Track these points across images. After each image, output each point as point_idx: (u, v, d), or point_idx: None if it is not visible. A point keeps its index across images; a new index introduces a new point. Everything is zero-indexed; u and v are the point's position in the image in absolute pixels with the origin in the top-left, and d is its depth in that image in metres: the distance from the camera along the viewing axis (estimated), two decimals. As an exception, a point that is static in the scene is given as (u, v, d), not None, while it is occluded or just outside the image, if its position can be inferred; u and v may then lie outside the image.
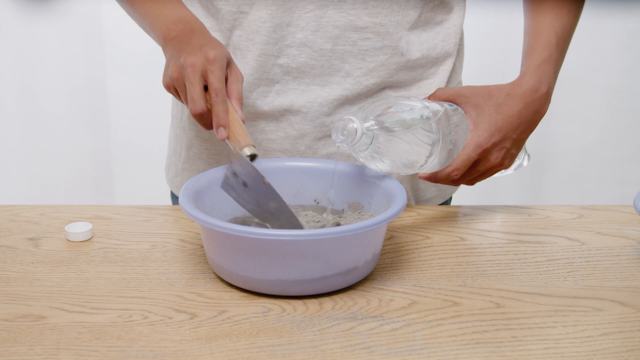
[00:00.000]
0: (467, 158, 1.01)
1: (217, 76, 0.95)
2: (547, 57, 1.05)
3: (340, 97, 1.13)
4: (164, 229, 1.08)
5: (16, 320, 0.85)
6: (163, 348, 0.80)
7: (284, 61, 1.11)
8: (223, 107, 0.95)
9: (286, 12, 1.09)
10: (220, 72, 0.95)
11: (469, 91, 1.03)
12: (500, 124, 1.01)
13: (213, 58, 0.95)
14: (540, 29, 1.07)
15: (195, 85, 0.94)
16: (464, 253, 1.01)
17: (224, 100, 0.95)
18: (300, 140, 1.15)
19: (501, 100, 1.02)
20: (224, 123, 0.95)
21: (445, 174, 1.01)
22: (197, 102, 0.94)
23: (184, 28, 1.03)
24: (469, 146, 1.01)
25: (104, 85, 2.34)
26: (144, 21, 1.08)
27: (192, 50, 0.96)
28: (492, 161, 1.02)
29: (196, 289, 0.91)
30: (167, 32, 1.03)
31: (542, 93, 1.04)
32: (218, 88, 0.95)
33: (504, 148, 1.02)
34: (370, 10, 1.10)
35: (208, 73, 0.95)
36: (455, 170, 1.01)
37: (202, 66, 0.95)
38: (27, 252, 1.01)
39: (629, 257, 1.01)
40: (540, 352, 0.80)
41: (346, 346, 0.80)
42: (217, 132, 0.95)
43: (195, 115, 0.95)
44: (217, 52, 0.96)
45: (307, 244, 0.86)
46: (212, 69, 0.95)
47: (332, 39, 1.10)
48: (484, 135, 1.01)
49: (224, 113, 0.95)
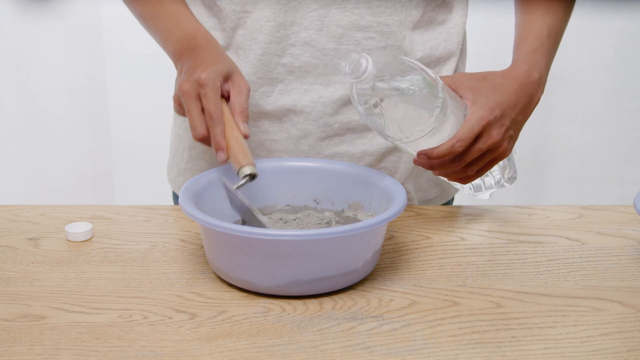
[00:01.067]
0: (471, 129, 0.97)
1: (209, 99, 0.96)
2: (538, 46, 1.05)
3: (344, 97, 1.13)
4: (164, 229, 1.08)
5: (16, 320, 0.85)
6: (163, 348, 0.80)
7: (287, 60, 1.11)
8: (219, 129, 0.96)
9: (290, 11, 1.09)
10: (213, 94, 0.96)
11: (463, 76, 1.02)
12: (499, 101, 1.00)
13: (204, 81, 0.96)
14: (531, 22, 1.08)
15: (193, 112, 0.97)
16: (464, 253, 1.01)
17: (219, 123, 0.96)
18: (303, 140, 1.15)
19: (496, 81, 1.02)
20: (222, 146, 0.96)
21: (448, 146, 0.97)
22: (196, 128, 0.96)
23: (189, 46, 1.04)
24: (472, 119, 0.98)
25: (104, 85, 2.34)
26: (157, 39, 1.11)
27: (187, 75, 0.98)
28: (494, 137, 0.99)
29: (196, 289, 0.91)
30: (174, 53, 1.06)
31: (534, 79, 1.03)
32: (212, 111, 0.96)
33: (504, 125, 1.00)
34: (373, 9, 1.10)
35: (202, 97, 0.97)
36: (459, 142, 0.97)
37: (196, 91, 0.97)
38: (27, 252, 1.01)
39: (629, 257, 1.01)
40: (540, 352, 0.80)
41: (346, 346, 0.81)
42: (217, 156, 0.97)
43: (197, 140, 0.97)
44: (208, 73, 0.97)
45: (307, 244, 0.86)
46: (204, 92, 0.96)
47: (336, 38, 1.10)
48: (484, 108, 0.98)
49: (220, 136, 0.96)
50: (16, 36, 2.27)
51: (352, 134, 1.16)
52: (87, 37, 2.29)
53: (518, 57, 1.05)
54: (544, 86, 1.06)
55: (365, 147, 1.17)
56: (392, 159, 1.18)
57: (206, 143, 0.98)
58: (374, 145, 1.17)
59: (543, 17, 1.08)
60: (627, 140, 2.39)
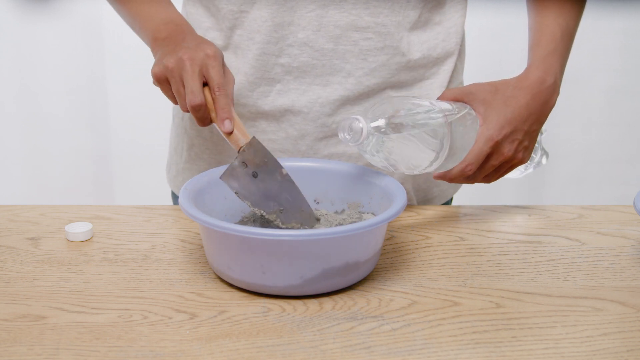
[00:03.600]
0: (479, 152, 1.00)
1: (217, 71, 0.96)
2: (552, 49, 1.05)
3: (342, 98, 1.13)
4: (164, 229, 1.08)
5: (16, 320, 0.85)
6: (163, 348, 0.80)
7: (285, 60, 1.11)
8: (226, 100, 0.96)
9: (287, 12, 1.09)
10: (220, 67, 0.96)
11: (475, 88, 1.02)
12: (510, 116, 1.01)
13: (213, 54, 0.96)
14: (544, 24, 1.08)
15: (195, 78, 0.95)
16: (464, 253, 1.01)
17: (226, 94, 0.96)
18: (301, 140, 1.15)
19: (508, 93, 1.02)
20: (230, 115, 0.96)
21: (459, 170, 1.00)
22: (196, 93, 0.95)
23: (176, 29, 1.04)
24: (480, 140, 1.00)
25: (104, 85, 2.34)
26: (134, 20, 1.09)
27: (191, 47, 0.97)
28: (505, 154, 1.01)
29: (196, 289, 0.91)
30: (157, 32, 1.04)
31: (549, 84, 1.03)
32: (220, 82, 0.96)
33: (515, 140, 1.01)
34: (371, 10, 1.10)
35: (209, 68, 0.96)
36: (468, 166, 1.00)
37: (202, 61, 0.96)
38: (27, 252, 1.01)
39: (629, 257, 1.01)
40: (540, 352, 0.80)
41: (346, 346, 0.80)
42: (223, 125, 0.95)
43: (193, 107, 0.95)
44: (216, 49, 0.97)
45: (307, 244, 0.86)
46: (213, 64, 0.96)
47: (334, 38, 1.10)
48: (494, 128, 1.00)
49: (228, 106, 0.96)
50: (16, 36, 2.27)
51: (350, 134, 1.16)
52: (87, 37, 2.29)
53: (532, 61, 1.05)
54: (559, 89, 1.06)
55: (363, 147, 1.17)
56: (391, 158, 1.18)
57: (199, 113, 0.96)
58: (372, 145, 1.17)
59: (556, 19, 1.07)
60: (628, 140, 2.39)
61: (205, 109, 0.96)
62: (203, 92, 0.95)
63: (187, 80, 0.95)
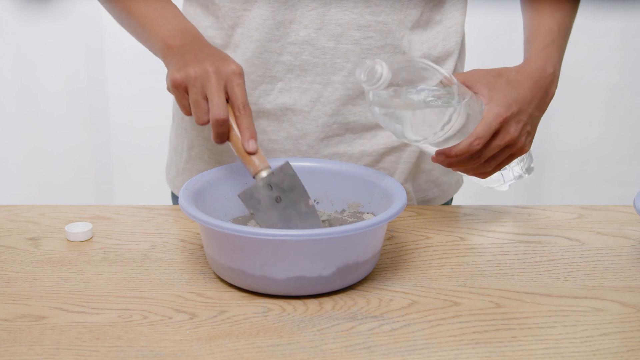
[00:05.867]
0: (489, 127, 0.97)
1: (243, 89, 0.95)
2: (550, 41, 1.06)
3: (343, 97, 1.13)
4: (164, 229, 1.08)
5: (16, 320, 0.85)
6: (163, 348, 0.80)
7: (287, 59, 1.11)
8: (250, 120, 0.94)
9: (289, 10, 1.09)
10: (244, 86, 0.95)
11: (478, 73, 1.02)
12: (515, 97, 0.99)
13: (239, 71, 0.95)
14: (540, 19, 1.08)
15: (220, 92, 0.94)
16: (464, 253, 1.01)
17: (250, 114, 0.95)
18: (302, 140, 1.15)
19: (512, 77, 1.01)
20: (255, 136, 0.94)
21: (466, 144, 0.96)
22: (221, 107, 0.93)
23: (192, 39, 1.02)
24: (489, 116, 0.97)
25: (104, 85, 2.34)
26: (142, 27, 1.07)
27: (215, 59, 0.96)
28: (511, 134, 0.98)
29: (196, 289, 0.91)
30: (171, 39, 1.02)
31: (548, 73, 1.03)
32: (245, 101, 0.94)
33: (521, 121, 0.99)
34: (373, 8, 1.10)
35: (234, 85, 0.94)
36: (477, 140, 0.96)
37: (228, 76, 0.94)
38: (27, 252, 1.01)
39: (629, 257, 1.01)
40: (540, 352, 0.80)
41: (346, 346, 0.81)
42: (248, 144, 0.94)
43: (218, 120, 0.93)
44: (240, 66, 0.96)
45: (307, 244, 0.86)
46: (239, 82, 0.95)
47: (335, 37, 1.10)
48: (501, 105, 0.98)
49: (252, 126, 0.95)
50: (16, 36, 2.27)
51: (351, 134, 1.16)
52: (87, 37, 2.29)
53: (531, 53, 1.05)
54: (558, 81, 1.06)
55: (364, 148, 1.17)
56: (391, 159, 1.18)
57: (221, 128, 0.94)
58: (372, 146, 1.17)
59: (553, 14, 1.08)
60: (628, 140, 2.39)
61: (227, 124, 0.94)
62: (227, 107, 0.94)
63: (212, 93, 0.93)
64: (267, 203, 0.93)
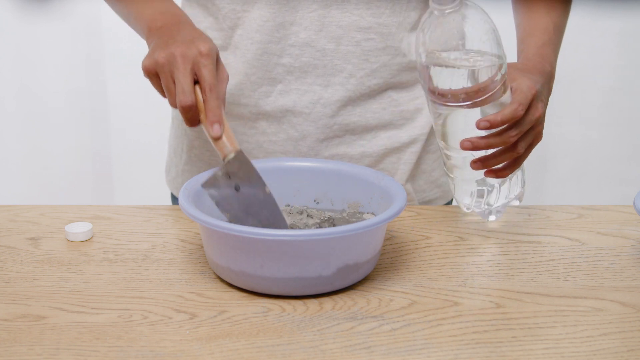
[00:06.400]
0: (525, 96, 0.95)
1: (210, 70, 0.92)
2: (546, 40, 1.06)
3: (343, 98, 1.13)
4: (164, 229, 1.08)
5: (16, 320, 0.85)
6: (163, 348, 0.80)
7: (287, 60, 1.11)
8: (217, 102, 0.91)
9: (289, 11, 1.09)
10: (213, 66, 0.92)
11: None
12: (534, 78, 0.99)
13: (207, 52, 0.92)
14: (535, 18, 1.08)
15: (187, 76, 0.91)
16: (464, 253, 1.01)
17: (217, 96, 0.92)
18: (302, 141, 1.15)
19: (520, 67, 1.02)
20: (220, 119, 0.91)
21: (511, 110, 0.94)
22: (187, 93, 0.91)
23: (172, 19, 1.01)
24: (522, 88, 0.96)
25: (104, 86, 2.34)
26: (129, 11, 1.06)
27: (184, 41, 0.93)
28: (539, 109, 0.97)
29: (196, 289, 0.91)
30: (153, 22, 1.01)
31: (547, 71, 1.03)
32: (212, 83, 0.91)
33: (541, 100, 0.99)
34: (374, 10, 1.10)
35: (200, 66, 0.92)
36: (520, 105, 0.94)
37: (194, 58, 0.92)
38: (27, 252, 1.01)
39: (629, 257, 1.01)
40: (540, 352, 0.80)
41: (346, 346, 0.80)
42: (212, 128, 0.91)
43: (183, 107, 0.91)
44: (210, 46, 0.93)
45: (307, 244, 0.86)
46: (205, 63, 0.92)
47: (336, 39, 1.10)
48: (530, 80, 0.97)
49: (218, 109, 0.91)
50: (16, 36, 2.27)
51: (351, 135, 1.16)
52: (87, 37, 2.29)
53: (527, 51, 1.05)
54: (554, 80, 1.06)
55: (364, 149, 1.16)
56: (391, 160, 1.18)
57: (189, 114, 0.92)
58: (372, 147, 1.17)
59: (548, 13, 1.08)
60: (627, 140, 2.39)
61: (195, 110, 0.92)
62: (194, 91, 0.92)
63: (178, 78, 0.91)
64: (227, 192, 0.92)
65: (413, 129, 1.18)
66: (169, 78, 0.93)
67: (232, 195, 0.93)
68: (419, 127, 1.18)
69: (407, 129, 1.17)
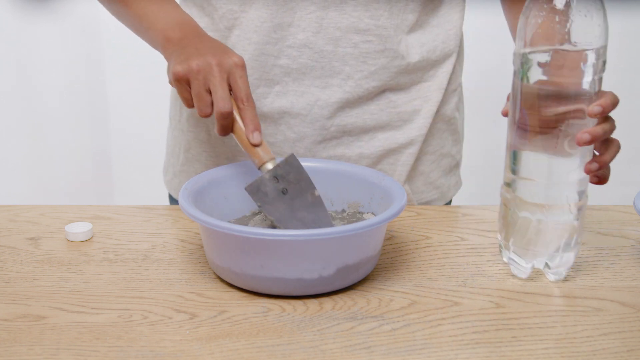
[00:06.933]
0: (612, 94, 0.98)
1: (245, 81, 0.95)
2: None
3: (341, 100, 1.13)
4: (164, 229, 1.08)
5: (16, 320, 0.85)
6: (163, 348, 0.80)
7: (284, 62, 1.11)
8: (254, 112, 0.95)
9: (287, 12, 1.09)
10: (247, 78, 0.96)
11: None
12: None
13: (241, 63, 0.95)
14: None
15: (224, 85, 0.94)
16: (464, 253, 1.01)
17: (254, 106, 0.95)
18: (299, 143, 1.15)
19: None
20: (259, 127, 0.95)
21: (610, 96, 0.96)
22: (226, 101, 0.93)
23: (192, 31, 1.02)
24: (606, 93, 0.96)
25: (103, 86, 2.34)
26: (140, 21, 1.07)
27: (217, 52, 0.96)
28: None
29: (196, 289, 0.91)
30: (171, 32, 1.02)
31: None
32: (248, 93, 0.95)
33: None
34: (372, 12, 1.09)
35: (237, 77, 0.95)
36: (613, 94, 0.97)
37: (230, 69, 0.95)
38: (27, 252, 1.01)
39: (629, 257, 1.01)
40: (540, 352, 0.80)
41: (346, 346, 0.81)
42: (252, 136, 0.94)
43: (223, 114, 0.94)
44: (242, 58, 0.96)
45: (307, 244, 0.86)
46: (241, 74, 0.95)
47: (334, 40, 1.10)
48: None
49: (256, 118, 0.95)
50: (16, 36, 2.27)
51: (348, 137, 1.16)
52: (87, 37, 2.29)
53: None
54: None
55: (361, 150, 1.16)
56: (389, 161, 1.18)
57: (226, 121, 0.94)
58: (370, 148, 1.17)
59: None
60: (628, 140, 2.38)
61: (232, 117, 0.95)
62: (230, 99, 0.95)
63: (216, 86, 0.94)
64: (273, 195, 0.95)
65: (410, 131, 1.18)
66: (202, 86, 0.95)
67: (278, 198, 0.95)
68: (416, 128, 1.18)
69: (405, 131, 1.17)
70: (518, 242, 0.93)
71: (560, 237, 0.91)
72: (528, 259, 0.93)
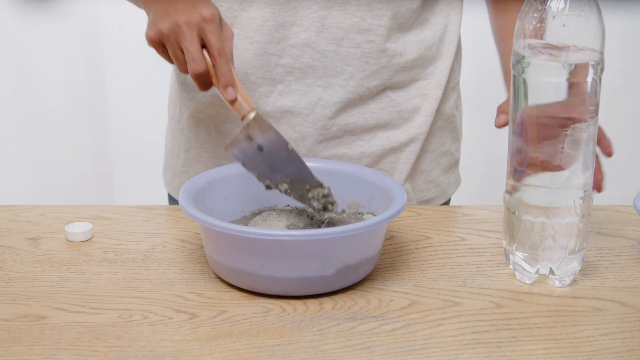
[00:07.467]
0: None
1: (216, 35, 0.94)
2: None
3: (343, 100, 1.13)
4: (164, 229, 1.08)
5: (16, 320, 0.85)
6: (163, 348, 0.80)
7: (287, 61, 1.11)
8: (227, 66, 0.94)
9: (290, 12, 1.09)
10: (218, 30, 0.94)
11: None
12: None
13: (210, 16, 0.94)
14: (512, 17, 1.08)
15: (194, 44, 0.94)
16: (464, 253, 1.01)
17: (227, 60, 0.94)
18: (301, 142, 1.15)
19: None
20: (232, 82, 0.95)
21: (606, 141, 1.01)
22: (198, 61, 0.93)
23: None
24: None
25: (103, 86, 2.34)
26: None
27: (185, 8, 0.94)
28: None
29: (196, 289, 0.91)
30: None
31: None
32: (220, 47, 0.94)
33: None
34: (374, 12, 1.09)
35: (206, 32, 0.94)
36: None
37: (199, 24, 0.94)
38: (27, 252, 1.01)
39: (629, 257, 1.00)
40: (540, 352, 0.80)
41: (346, 346, 0.80)
42: (226, 92, 0.94)
43: (196, 75, 0.94)
44: (212, 9, 0.95)
45: (307, 244, 0.86)
46: (210, 28, 0.94)
47: (336, 40, 1.10)
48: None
49: (230, 72, 0.95)
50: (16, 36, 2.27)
51: (349, 136, 1.16)
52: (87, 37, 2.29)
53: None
54: None
55: (362, 149, 1.16)
56: (390, 160, 1.18)
57: (202, 80, 0.95)
58: (371, 147, 1.17)
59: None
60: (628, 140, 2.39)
61: (207, 76, 0.95)
62: (204, 57, 0.94)
63: (187, 47, 0.93)
64: (251, 153, 0.96)
65: (411, 129, 1.18)
66: (176, 47, 0.95)
67: (256, 154, 0.96)
68: (417, 126, 1.18)
69: (406, 129, 1.17)
70: (522, 247, 0.93)
71: (565, 240, 0.91)
72: (533, 264, 0.93)
